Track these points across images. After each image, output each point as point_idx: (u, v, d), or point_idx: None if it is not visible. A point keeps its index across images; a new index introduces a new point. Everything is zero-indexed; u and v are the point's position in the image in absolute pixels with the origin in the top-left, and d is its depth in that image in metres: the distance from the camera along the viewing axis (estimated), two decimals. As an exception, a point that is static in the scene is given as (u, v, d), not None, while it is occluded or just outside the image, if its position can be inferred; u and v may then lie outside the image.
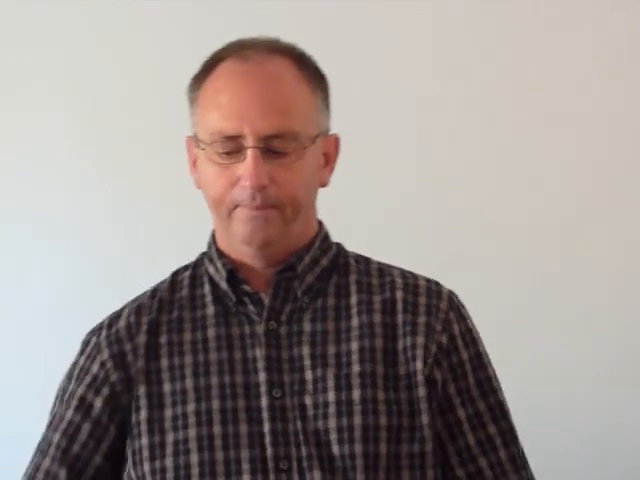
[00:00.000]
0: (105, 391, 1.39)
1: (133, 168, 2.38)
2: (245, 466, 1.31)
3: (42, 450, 1.40)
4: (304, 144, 1.34)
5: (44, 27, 2.36)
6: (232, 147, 1.33)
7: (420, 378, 1.35)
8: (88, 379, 1.40)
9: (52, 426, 1.40)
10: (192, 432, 1.33)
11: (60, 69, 2.37)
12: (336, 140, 1.43)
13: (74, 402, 1.39)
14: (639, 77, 2.28)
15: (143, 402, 1.37)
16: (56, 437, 1.39)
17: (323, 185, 1.42)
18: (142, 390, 1.37)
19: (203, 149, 1.35)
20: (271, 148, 1.32)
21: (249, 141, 1.31)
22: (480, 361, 1.41)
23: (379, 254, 1.49)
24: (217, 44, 1.40)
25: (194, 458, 1.32)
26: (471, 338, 1.41)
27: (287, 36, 1.41)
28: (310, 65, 1.39)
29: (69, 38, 2.37)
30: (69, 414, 1.39)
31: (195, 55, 1.40)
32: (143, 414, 1.36)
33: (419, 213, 2.29)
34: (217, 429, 1.33)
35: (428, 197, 2.31)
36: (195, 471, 1.32)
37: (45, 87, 2.39)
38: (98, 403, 1.38)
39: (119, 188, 2.39)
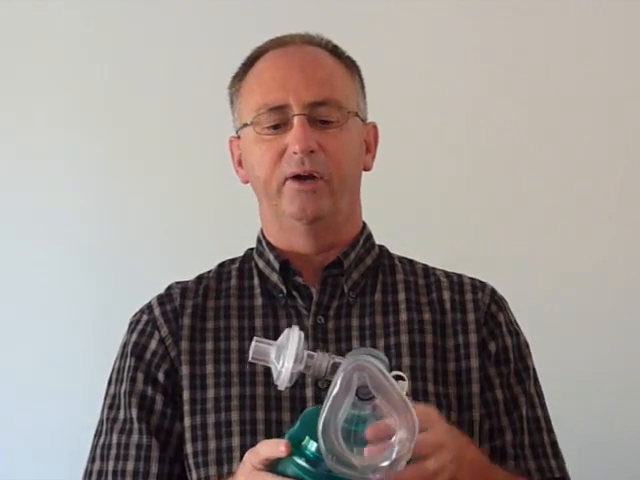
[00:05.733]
0: (165, 366, 1.38)
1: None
2: None
3: (122, 429, 1.36)
4: (347, 114, 1.38)
5: (45, 27, 2.35)
6: (278, 119, 1.36)
7: (475, 375, 1.37)
8: (148, 355, 1.39)
9: (121, 404, 1.38)
10: (235, 415, 1.34)
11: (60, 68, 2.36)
12: (374, 128, 1.47)
13: (140, 376, 1.38)
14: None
15: (185, 383, 1.37)
16: (134, 412, 1.36)
17: (367, 169, 1.45)
18: (185, 371, 1.37)
19: (251, 124, 1.37)
20: (316, 117, 1.36)
21: (295, 109, 1.35)
22: (521, 353, 1.44)
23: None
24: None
25: (235, 442, 1.33)
26: (514, 329, 1.45)
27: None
28: (345, 55, 1.45)
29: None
30: (139, 387, 1.37)
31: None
32: (185, 395, 1.36)
33: (423, 211, 2.29)
34: (260, 414, 1.34)
35: (435, 194, 2.31)
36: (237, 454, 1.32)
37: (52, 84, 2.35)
38: (161, 376, 1.38)
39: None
